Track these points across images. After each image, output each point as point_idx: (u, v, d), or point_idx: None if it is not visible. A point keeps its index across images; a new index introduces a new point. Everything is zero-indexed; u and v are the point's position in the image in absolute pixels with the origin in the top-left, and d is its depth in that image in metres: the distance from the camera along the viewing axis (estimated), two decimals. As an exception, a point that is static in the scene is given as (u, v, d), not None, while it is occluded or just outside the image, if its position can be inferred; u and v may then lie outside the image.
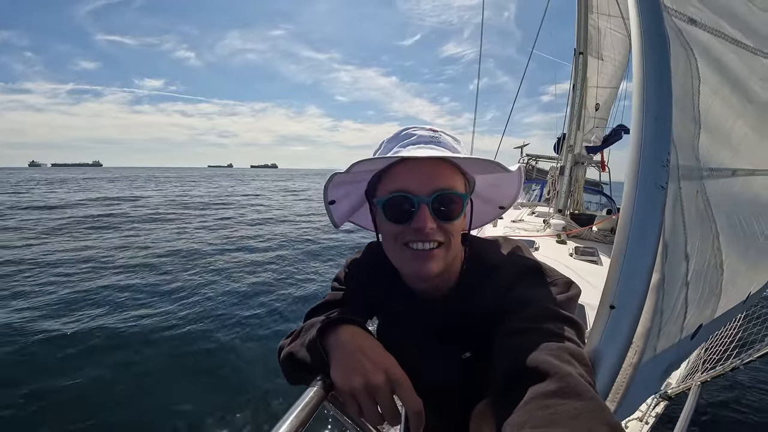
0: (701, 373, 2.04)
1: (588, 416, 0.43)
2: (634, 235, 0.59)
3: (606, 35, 5.44)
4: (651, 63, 0.58)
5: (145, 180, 62.82)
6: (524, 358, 0.54)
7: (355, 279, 0.94)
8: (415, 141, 0.76)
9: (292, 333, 0.84)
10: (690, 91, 0.64)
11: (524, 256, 0.81)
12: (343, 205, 0.89)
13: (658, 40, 0.58)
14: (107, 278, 7.42)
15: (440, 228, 0.73)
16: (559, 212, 5.10)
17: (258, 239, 11.75)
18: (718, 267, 0.77)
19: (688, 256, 0.67)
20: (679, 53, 0.61)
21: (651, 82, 0.58)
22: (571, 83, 5.35)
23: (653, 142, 0.58)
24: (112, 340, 4.90)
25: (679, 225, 0.65)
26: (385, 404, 0.62)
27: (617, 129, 5.87)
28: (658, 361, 0.68)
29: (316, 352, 0.70)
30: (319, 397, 0.63)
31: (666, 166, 0.57)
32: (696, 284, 0.72)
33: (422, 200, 0.71)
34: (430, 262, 0.73)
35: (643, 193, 0.58)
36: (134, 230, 13.47)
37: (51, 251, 9.50)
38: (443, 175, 0.73)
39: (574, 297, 0.70)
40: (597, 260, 3.50)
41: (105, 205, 21.72)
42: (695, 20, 0.63)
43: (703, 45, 0.66)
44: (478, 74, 6.09)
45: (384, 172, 0.77)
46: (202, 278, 7.65)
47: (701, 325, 0.78)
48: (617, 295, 0.60)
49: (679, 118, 0.61)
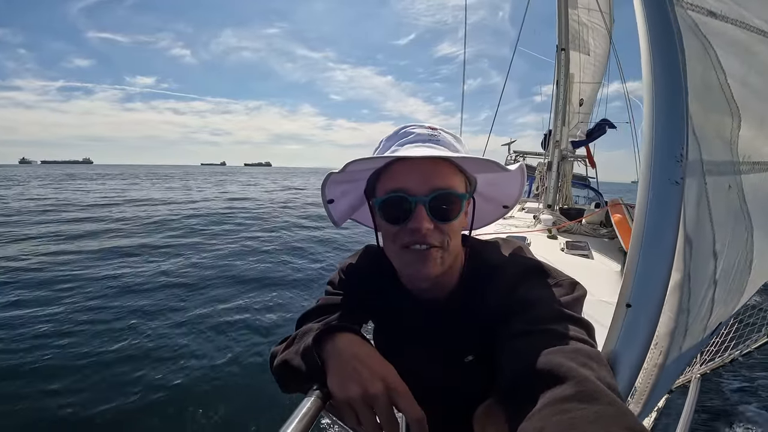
0: (700, 366, 2.07)
1: (608, 421, 0.41)
2: (648, 233, 0.58)
3: (589, 30, 5.52)
4: (659, 58, 0.57)
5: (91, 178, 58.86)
6: (535, 361, 0.52)
7: (351, 283, 0.92)
8: (413, 139, 0.75)
9: (285, 339, 0.82)
10: (716, 85, 0.62)
11: (526, 256, 0.80)
12: (342, 204, 0.88)
13: (665, 35, 0.57)
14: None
15: (438, 228, 0.71)
16: (549, 207, 5.16)
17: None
18: (747, 265, 0.76)
19: (717, 254, 0.66)
20: (696, 47, 0.60)
21: (660, 78, 0.57)
22: (554, 79, 5.42)
23: (664, 137, 0.57)
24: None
25: (705, 221, 0.64)
26: (383, 414, 0.60)
27: (601, 123, 5.98)
28: (681, 360, 0.67)
29: (311, 360, 0.68)
30: (316, 407, 0.62)
31: (680, 161, 0.56)
32: (724, 282, 0.71)
33: (419, 200, 0.69)
34: (428, 264, 0.71)
35: (657, 189, 0.57)
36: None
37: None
38: (441, 175, 0.71)
39: (580, 297, 0.69)
40: (588, 254, 3.55)
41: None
42: (715, 12, 0.62)
43: (727, 37, 0.65)
44: (463, 76, 6.12)
45: (382, 171, 0.75)
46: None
47: (721, 323, 0.77)
48: (633, 294, 0.59)
49: (703, 112, 0.60)
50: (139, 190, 32.95)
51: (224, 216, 16.42)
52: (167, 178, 63.86)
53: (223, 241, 11.00)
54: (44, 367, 4.29)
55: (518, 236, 3.97)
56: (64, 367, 4.31)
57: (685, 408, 1.84)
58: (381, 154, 0.77)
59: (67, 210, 17.70)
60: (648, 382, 0.62)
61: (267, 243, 10.98)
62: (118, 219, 15.09)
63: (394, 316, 0.89)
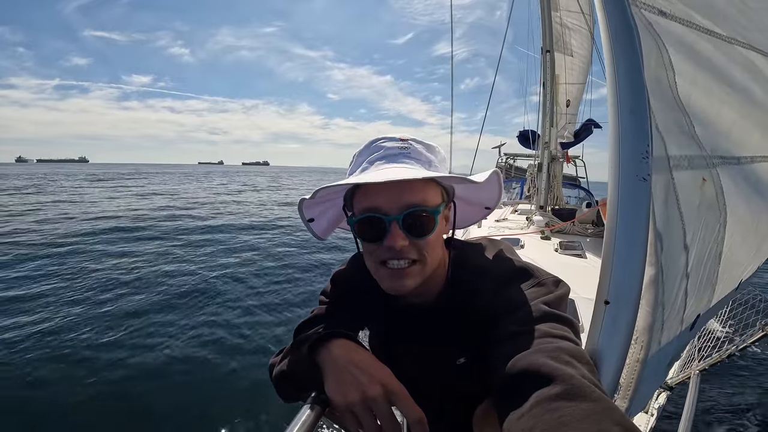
0: (699, 362, 2.07)
1: (597, 417, 0.42)
2: (621, 230, 0.59)
3: (571, 32, 5.62)
4: (621, 57, 0.59)
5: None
6: (522, 362, 0.53)
7: (343, 291, 0.93)
8: (382, 155, 0.75)
9: (282, 350, 0.83)
10: (666, 82, 0.64)
11: (510, 257, 0.80)
12: (321, 222, 0.90)
13: (626, 34, 0.59)
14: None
15: (413, 245, 0.72)
16: (541, 209, 5.18)
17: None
18: (717, 256, 0.77)
19: (688, 247, 0.67)
20: (651, 45, 0.61)
21: (623, 76, 0.59)
22: (540, 81, 5.49)
23: (631, 135, 0.58)
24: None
25: (674, 216, 0.65)
26: (383, 417, 0.61)
27: (587, 124, 6.05)
28: (662, 354, 0.68)
29: (307, 369, 0.69)
30: (315, 415, 0.62)
31: (647, 158, 0.57)
32: (695, 275, 0.72)
33: (392, 218, 0.70)
34: (403, 280, 0.72)
35: (626, 186, 0.58)
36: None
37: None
38: (413, 190, 0.71)
39: (563, 295, 0.69)
40: (582, 254, 3.56)
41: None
42: (665, 12, 0.64)
43: (675, 36, 0.66)
44: (451, 76, 6.16)
45: (356, 188, 0.76)
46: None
47: (699, 315, 0.78)
48: (610, 291, 0.60)
49: (662, 108, 0.61)
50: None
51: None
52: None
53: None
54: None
55: (512, 238, 3.99)
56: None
57: (686, 404, 1.84)
58: (353, 170, 0.78)
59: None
60: (632, 377, 0.63)
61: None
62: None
63: (387, 321, 0.90)
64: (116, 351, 4.76)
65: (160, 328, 5.40)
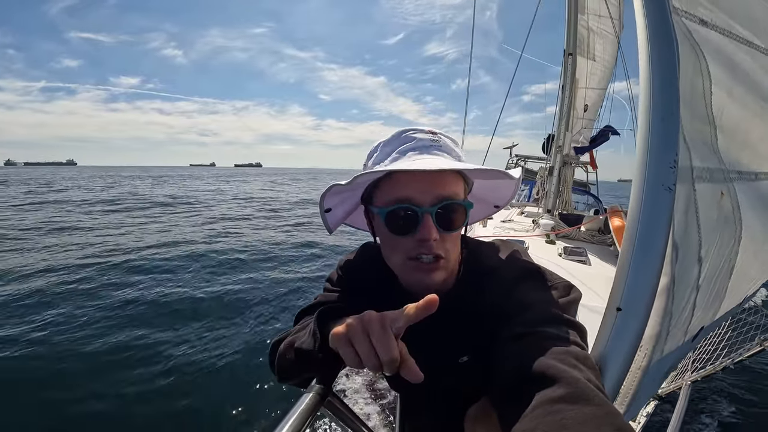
0: (691, 373, 2.07)
1: (598, 421, 0.42)
2: (641, 238, 0.58)
3: (596, 36, 5.51)
4: (658, 64, 0.58)
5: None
6: (528, 363, 0.53)
7: (349, 280, 0.92)
8: (414, 146, 0.73)
9: (286, 332, 0.84)
10: (701, 92, 0.63)
11: (523, 258, 0.80)
12: (338, 212, 0.87)
13: (665, 41, 0.58)
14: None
15: (443, 238, 0.71)
16: (548, 212, 5.16)
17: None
18: (728, 271, 0.77)
19: (702, 259, 0.67)
20: (688, 54, 0.60)
21: (658, 83, 0.58)
22: (560, 84, 5.41)
23: (660, 143, 0.58)
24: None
25: (693, 228, 0.65)
26: (377, 338, 0.56)
27: (604, 130, 5.97)
28: (662, 363, 0.68)
29: (314, 336, 0.68)
30: (314, 403, 0.63)
31: (674, 167, 0.56)
32: (706, 287, 0.72)
33: (426, 210, 0.69)
34: (433, 274, 0.71)
35: (650, 195, 0.57)
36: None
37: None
38: (447, 183, 0.70)
39: (574, 300, 0.69)
40: (585, 260, 3.55)
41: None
42: (706, 21, 0.63)
43: (714, 46, 0.66)
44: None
45: (383, 179, 0.74)
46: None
47: (703, 328, 0.78)
48: (624, 297, 0.60)
49: (691, 119, 0.61)
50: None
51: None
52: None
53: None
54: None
55: (517, 240, 3.98)
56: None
57: (675, 414, 1.85)
58: (380, 159, 0.76)
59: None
60: (632, 384, 0.63)
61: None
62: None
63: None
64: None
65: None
